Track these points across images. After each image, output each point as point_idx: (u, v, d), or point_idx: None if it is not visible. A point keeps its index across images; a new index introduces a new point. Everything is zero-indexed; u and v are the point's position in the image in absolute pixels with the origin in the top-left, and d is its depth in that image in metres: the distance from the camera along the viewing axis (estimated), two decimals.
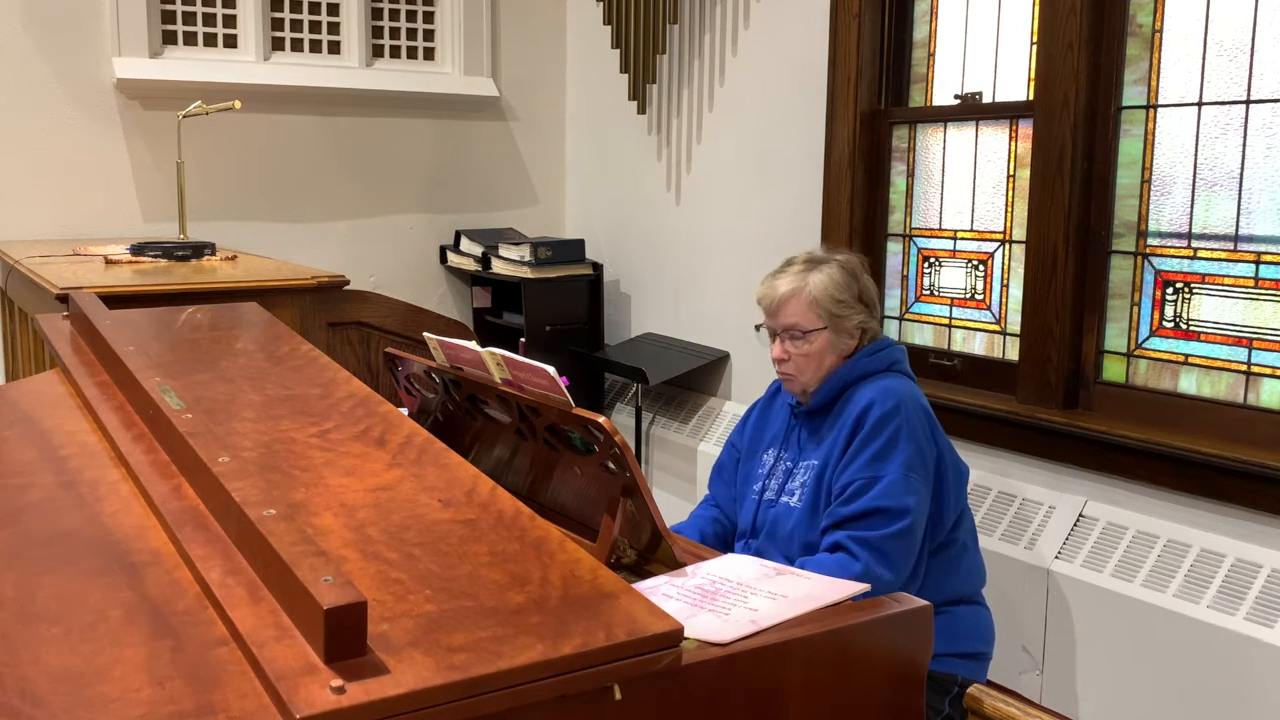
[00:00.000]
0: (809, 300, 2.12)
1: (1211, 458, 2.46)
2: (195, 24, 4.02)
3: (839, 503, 2.02)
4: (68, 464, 1.38)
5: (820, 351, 2.13)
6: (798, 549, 2.08)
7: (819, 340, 2.12)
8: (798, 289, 2.13)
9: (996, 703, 1.27)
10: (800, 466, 2.16)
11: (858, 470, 2.02)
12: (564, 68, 4.73)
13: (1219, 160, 2.58)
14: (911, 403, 2.08)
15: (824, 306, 2.12)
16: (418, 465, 1.35)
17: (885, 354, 2.16)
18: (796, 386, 2.18)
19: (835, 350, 2.14)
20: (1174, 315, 2.69)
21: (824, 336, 2.12)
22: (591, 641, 0.97)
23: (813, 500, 2.09)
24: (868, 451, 2.02)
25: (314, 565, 0.95)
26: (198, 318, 2.09)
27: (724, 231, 3.92)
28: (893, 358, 2.16)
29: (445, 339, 1.88)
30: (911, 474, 2.01)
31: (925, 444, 2.06)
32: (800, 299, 2.13)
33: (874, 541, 1.97)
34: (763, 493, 2.21)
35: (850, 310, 2.14)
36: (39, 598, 1.04)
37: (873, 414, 2.04)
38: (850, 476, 2.03)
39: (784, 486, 2.17)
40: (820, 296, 2.12)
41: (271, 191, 4.18)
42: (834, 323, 2.13)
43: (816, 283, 2.13)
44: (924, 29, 3.30)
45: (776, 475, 2.20)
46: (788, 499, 2.15)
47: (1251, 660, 2.29)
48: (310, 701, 0.85)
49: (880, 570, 1.95)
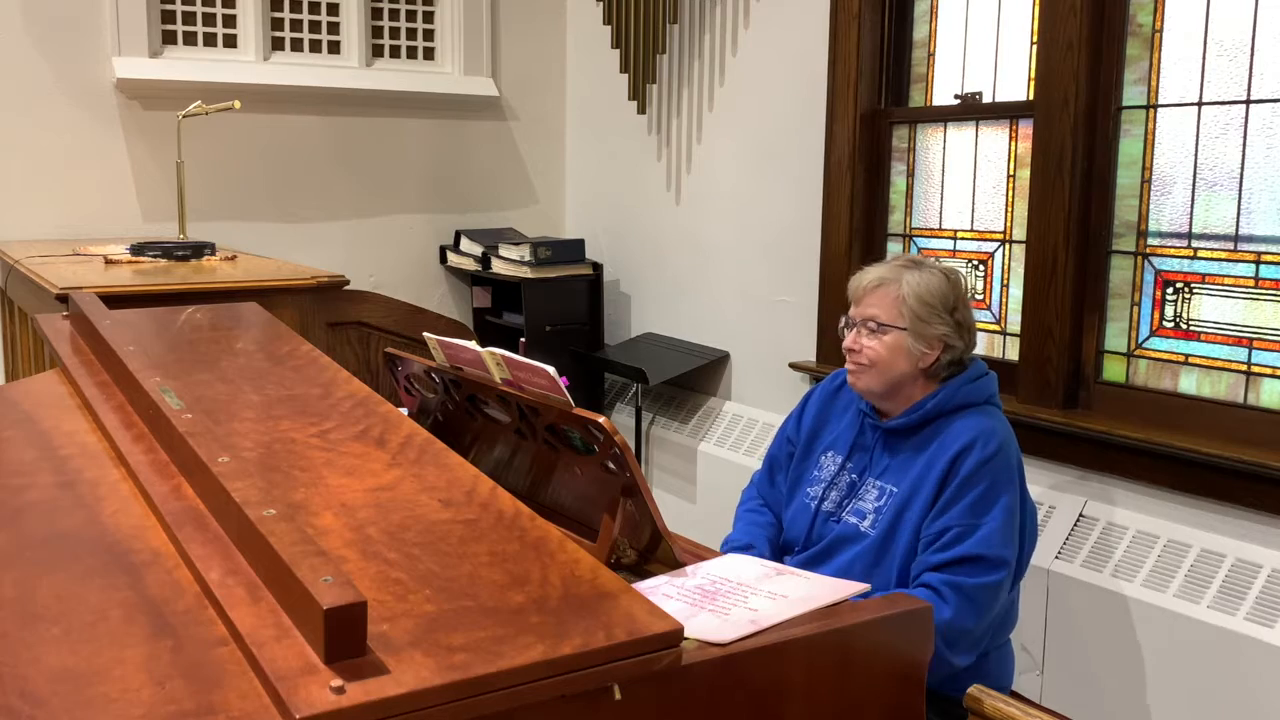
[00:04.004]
0: (896, 295, 1.97)
1: (1211, 458, 2.46)
2: (195, 24, 4.02)
3: (934, 549, 1.88)
4: (68, 464, 1.38)
5: (892, 351, 1.97)
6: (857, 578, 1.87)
7: (893, 339, 1.96)
8: (889, 279, 1.99)
9: (997, 703, 1.27)
10: (872, 485, 2.01)
11: (955, 517, 1.87)
12: (564, 68, 4.73)
13: (1219, 160, 2.58)
14: (1011, 448, 1.94)
15: (910, 305, 1.96)
16: (418, 465, 1.35)
17: (984, 384, 2.00)
18: (860, 382, 2.02)
19: (909, 357, 1.97)
20: (1174, 315, 2.69)
21: (900, 337, 1.96)
22: (591, 641, 0.97)
23: (889, 531, 1.94)
24: (967, 498, 1.87)
25: (314, 565, 0.95)
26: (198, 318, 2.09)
27: (724, 231, 3.92)
28: (991, 390, 2.01)
29: (445, 339, 1.87)
30: (1010, 524, 1.88)
31: (1015, 498, 1.93)
32: (887, 291, 1.98)
33: (967, 589, 1.83)
34: (819, 502, 2.06)
35: (937, 319, 1.96)
36: (39, 598, 1.04)
37: (973, 457, 1.89)
38: (947, 523, 1.88)
39: (848, 503, 2.03)
40: (908, 294, 1.96)
41: (271, 191, 4.18)
42: (916, 325, 1.96)
43: (911, 279, 1.98)
44: (924, 29, 3.29)
45: (839, 486, 2.05)
46: (857, 521, 1.99)
47: (1251, 660, 2.29)
48: (310, 701, 0.85)
49: (967, 620, 1.83)
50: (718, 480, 3.73)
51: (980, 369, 2.03)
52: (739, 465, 3.63)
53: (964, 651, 1.87)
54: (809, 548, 2.05)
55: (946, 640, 1.81)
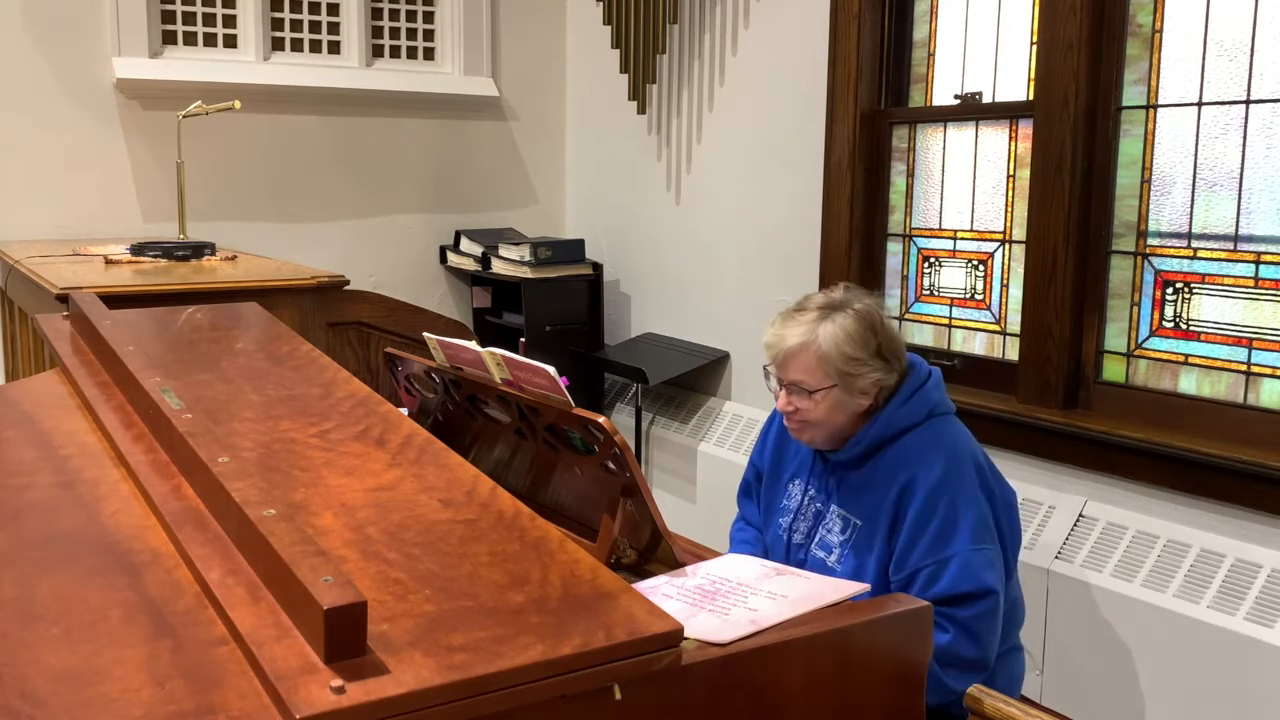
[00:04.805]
0: (818, 356, 1.90)
1: (1211, 458, 2.46)
2: (195, 24, 4.01)
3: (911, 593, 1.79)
4: (68, 464, 1.38)
5: (829, 410, 1.92)
6: None
7: (827, 399, 1.92)
8: (806, 343, 1.92)
9: (997, 703, 1.27)
10: (836, 515, 1.98)
11: (922, 557, 1.82)
12: (564, 68, 4.73)
13: (1219, 160, 2.58)
14: (957, 462, 1.87)
15: (834, 364, 1.90)
16: (418, 465, 1.35)
17: (920, 400, 1.94)
18: (804, 437, 1.99)
19: (846, 408, 1.93)
20: (1174, 315, 2.69)
21: (833, 395, 1.92)
22: (591, 641, 0.97)
23: (855, 569, 1.91)
24: (927, 534, 1.82)
25: (314, 565, 0.95)
26: (198, 318, 2.09)
27: (724, 231, 3.92)
28: (929, 403, 1.94)
29: (445, 339, 1.88)
30: (981, 545, 1.82)
31: (983, 505, 1.86)
32: (808, 354, 1.91)
33: (962, 621, 1.80)
34: (790, 533, 2.05)
35: (864, 368, 1.91)
36: (39, 598, 1.04)
37: (919, 490, 1.85)
38: (915, 564, 1.83)
39: (815, 533, 2.01)
40: (830, 352, 1.90)
41: (271, 191, 4.18)
42: (845, 380, 1.91)
43: (827, 336, 1.91)
44: (924, 29, 3.29)
45: (805, 516, 2.04)
46: (824, 555, 1.97)
47: (1251, 660, 2.29)
48: (310, 701, 0.85)
49: (967, 649, 1.80)
50: (718, 480, 3.73)
51: (915, 380, 1.96)
52: (739, 465, 3.63)
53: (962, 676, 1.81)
54: None
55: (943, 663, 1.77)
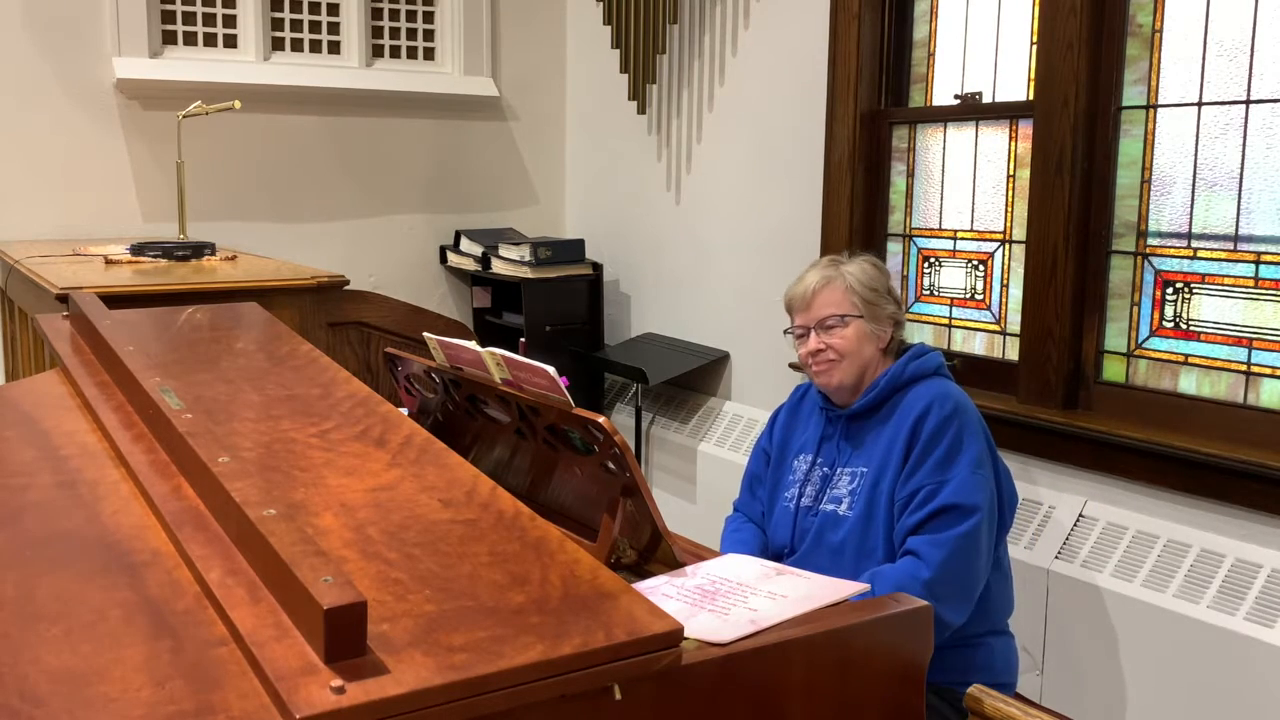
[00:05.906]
0: (845, 288, 2.11)
1: (1211, 458, 2.46)
2: (195, 24, 4.02)
3: (908, 512, 1.97)
4: (68, 464, 1.38)
5: (858, 340, 2.09)
6: (850, 558, 2.01)
7: (855, 328, 2.09)
8: (831, 277, 2.12)
9: (996, 703, 1.27)
10: (843, 473, 2.10)
11: (924, 477, 1.97)
12: (564, 68, 4.73)
13: (1219, 160, 2.58)
14: (969, 406, 2.04)
15: (859, 293, 2.10)
16: (418, 465, 1.35)
17: (931, 357, 2.12)
18: (834, 378, 2.11)
19: (871, 341, 2.10)
20: (1174, 315, 2.69)
21: (861, 325, 2.09)
22: (591, 641, 0.97)
23: (867, 509, 2.03)
24: (932, 457, 1.97)
25: (314, 565, 0.95)
26: (198, 318, 2.09)
27: (724, 231, 3.92)
28: (938, 361, 2.12)
29: (445, 339, 1.88)
30: (979, 471, 1.97)
31: (985, 447, 2.01)
32: (835, 287, 2.11)
33: (944, 541, 1.91)
34: (798, 500, 2.14)
35: (883, 300, 2.12)
36: (39, 598, 1.04)
37: (931, 418, 1.99)
38: (917, 484, 1.97)
39: (824, 493, 2.11)
40: (854, 284, 2.10)
41: (271, 191, 4.18)
42: (870, 310, 2.10)
43: (850, 271, 2.12)
44: (924, 29, 3.29)
45: (812, 481, 2.14)
46: (834, 506, 2.08)
47: (1251, 660, 2.29)
48: (310, 701, 0.85)
49: (949, 572, 1.90)
50: (718, 480, 3.73)
51: (924, 347, 2.15)
52: (739, 465, 3.62)
53: (951, 604, 1.90)
54: (796, 549, 2.11)
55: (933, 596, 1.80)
